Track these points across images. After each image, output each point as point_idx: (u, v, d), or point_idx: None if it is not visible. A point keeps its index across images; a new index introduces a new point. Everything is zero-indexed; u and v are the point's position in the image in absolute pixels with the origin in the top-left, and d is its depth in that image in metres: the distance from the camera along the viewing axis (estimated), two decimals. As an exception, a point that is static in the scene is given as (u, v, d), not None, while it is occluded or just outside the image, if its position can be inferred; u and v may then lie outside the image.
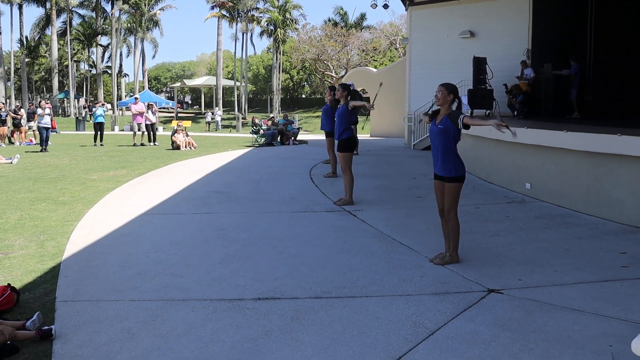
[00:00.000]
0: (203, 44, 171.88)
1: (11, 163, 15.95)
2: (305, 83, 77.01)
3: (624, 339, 4.14)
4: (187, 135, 21.94)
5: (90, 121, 28.30)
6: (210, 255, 6.46)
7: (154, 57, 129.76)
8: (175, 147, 20.83)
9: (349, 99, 9.60)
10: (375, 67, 42.25)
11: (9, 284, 5.14)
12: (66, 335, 4.33)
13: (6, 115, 24.55)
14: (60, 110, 64.86)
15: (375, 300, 4.98)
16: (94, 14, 62.94)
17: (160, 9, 62.52)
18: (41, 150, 20.19)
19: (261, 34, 61.90)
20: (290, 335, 4.27)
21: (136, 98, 25.80)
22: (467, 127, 5.85)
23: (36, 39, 65.19)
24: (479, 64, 16.39)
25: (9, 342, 4.15)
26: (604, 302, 4.93)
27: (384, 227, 7.74)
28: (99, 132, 23.49)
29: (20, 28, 64.30)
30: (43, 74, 71.78)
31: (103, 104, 28.22)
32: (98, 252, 6.63)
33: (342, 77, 38.31)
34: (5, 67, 60.00)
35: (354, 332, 4.33)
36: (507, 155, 10.93)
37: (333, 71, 55.01)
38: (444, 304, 4.87)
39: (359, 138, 14.77)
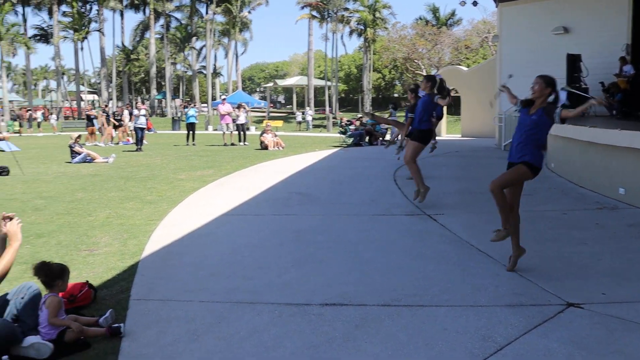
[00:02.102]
0: (296, 44, 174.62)
1: (107, 162, 16.64)
2: (397, 82, 76.45)
3: None
4: (276, 136, 22.22)
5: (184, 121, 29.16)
6: (283, 257, 6.46)
7: (242, 53, 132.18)
8: (264, 147, 21.13)
9: (434, 90, 9.27)
10: (468, 66, 41.37)
11: (87, 281, 5.33)
12: (135, 333, 4.42)
13: (95, 117, 25.87)
14: (158, 111, 67.31)
15: (445, 310, 4.81)
16: (189, 18, 64.96)
17: (249, 11, 63.71)
18: (136, 150, 20.97)
19: (350, 33, 61.95)
20: (353, 344, 4.18)
21: (223, 99, 26.39)
22: (563, 121, 5.56)
23: (135, 42, 68.02)
24: (573, 62, 15.71)
25: (81, 337, 4.28)
26: (699, 322, 4.56)
27: (462, 233, 7.50)
28: (191, 132, 24.19)
29: (122, 33, 67.37)
30: (142, 75, 74.71)
31: (195, 105, 29.06)
32: (175, 252, 6.77)
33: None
34: (108, 70, 62.88)
35: (419, 343, 4.19)
36: (600, 158, 10.39)
37: (424, 70, 54.30)
38: (518, 316, 4.64)
39: (448, 138, 14.53)
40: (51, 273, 4.45)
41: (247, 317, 4.72)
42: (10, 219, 4.21)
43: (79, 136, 17.94)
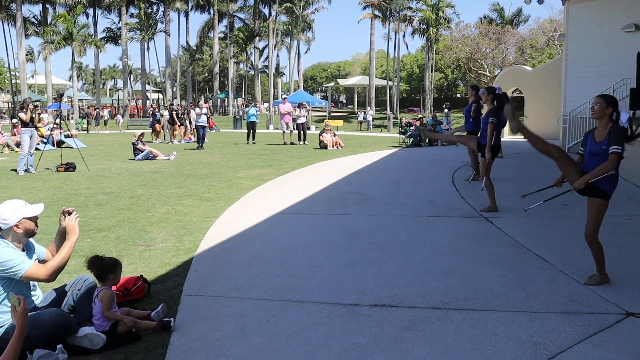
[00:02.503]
0: (358, 43, 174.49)
1: (169, 160, 16.99)
2: (460, 82, 75.46)
3: None
4: (335, 135, 22.23)
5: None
6: (335, 257, 6.44)
7: (305, 52, 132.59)
8: (323, 146, 21.18)
9: (495, 103, 9.15)
10: (533, 66, 40.45)
11: (141, 275, 5.44)
12: (185, 327, 4.49)
13: (160, 116, 26.50)
14: (220, 109, 68.36)
15: (496, 315, 4.70)
16: (252, 18, 65.72)
17: (312, 11, 64.01)
18: (197, 148, 21.33)
19: (413, 32, 61.45)
20: (400, 346, 4.13)
21: (284, 98, 26.60)
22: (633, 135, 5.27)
23: (199, 42, 69.31)
24: (644, 61, 15.16)
25: (133, 330, 4.37)
26: None
27: (520, 236, 7.33)
28: (251, 131, 24.46)
29: (187, 33, 68.72)
30: (206, 74, 76.03)
31: (255, 104, 29.38)
32: (229, 248, 6.84)
33: (497, 76, 37.09)
34: (173, 70, 64.24)
35: (467, 347, 4.10)
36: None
37: (487, 70, 53.40)
38: (572, 324, 4.49)
39: (511, 140, 14.17)
40: (103, 267, 4.56)
41: (295, 315, 4.73)
42: (69, 213, 4.34)
43: (142, 134, 18.36)
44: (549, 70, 25.68)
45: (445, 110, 31.57)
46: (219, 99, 68.79)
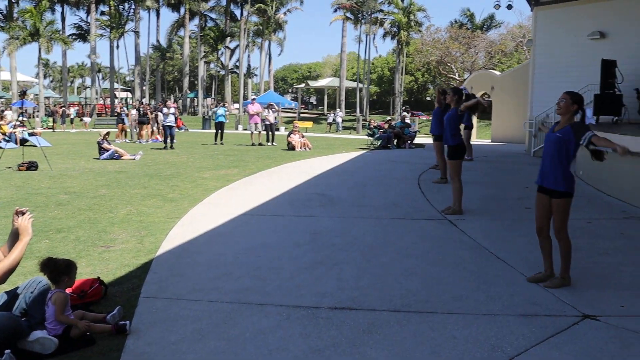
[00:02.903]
0: (329, 45, 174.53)
1: (134, 159, 16.78)
2: (430, 85, 75.92)
3: None
4: (303, 136, 22.20)
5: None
6: (297, 259, 6.40)
7: (279, 54, 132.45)
8: (291, 147, 21.12)
9: (460, 103, 9.23)
10: (502, 70, 40.89)
11: (98, 277, 5.34)
12: (141, 331, 4.41)
13: (125, 115, 26.26)
14: (190, 109, 67.85)
15: (455, 318, 4.70)
16: (224, 17, 65.36)
17: (284, 12, 63.88)
18: (164, 148, 21.12)
19: (384, 35, 61.68)
20: (358, 350, 4.10)
21: (253, 99, 26.48)
22: (589, 145, 5.38)
23: (170, 41, 68.73)
24: (608, 67, 15.42)
25: (87, 333, 4.28)
26: None
27: (483, 239, 7.36)
28: (219, 131, 24.31)
29: (157, 32, 68.11)
30: (176, 74, 75.43)
31: (224, 104, 29.22)
32: (190, 250, 6.76)
33: (465, 80, 37.38)
34: (142, 68, 63.61)
35: (425, 351, 4.09)
36: (629, 166, 10.13)
37: (457, 74, 53.84)
38: (530, 327, 4.51)
39: (477, 143, 14.31)
40: (56, 269, 4.45)
41: (254, 318, 4.67)
42: (23, 213, 4.22)
43: (108, 133, 18.09)
44: (516, 75, 25.99)
45: (404, 113, 31.86)
46: (188, 99, 68.19)
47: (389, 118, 34.71)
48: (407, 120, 26.58)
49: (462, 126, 10.03)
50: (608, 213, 9.23)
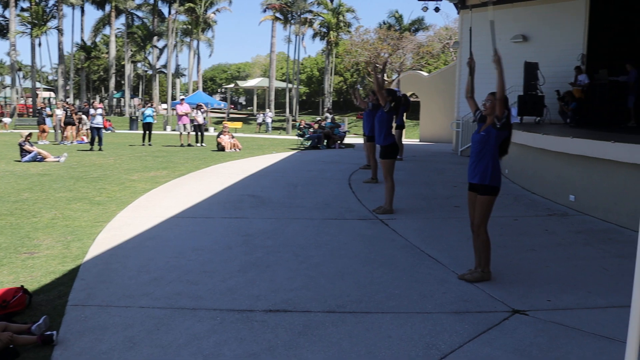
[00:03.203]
0: (259, 45, 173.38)
1: (59, 161, 16.23)
2: (359, 86, 76.58)
3: (654, 372, 3.81)
4: (233, 137, 22.01)
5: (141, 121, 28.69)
6: (230, 262, 6.32)
7: (210, 55, 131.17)
8: (220, 148, 20.90)
9: (391, 104, 9.30)
10: (429, 71, 41.69)
11: (22, 286, 5.12)
12: (69, 341, 4.25)
13: (47, 115, 25.35)
14: (116, 110, 66.22)
15: (390, 317, 4.73)
16: (151, 16, 64.04)
17: (214, 12, 63.20)
18: (90, 149, 20.52)
19: (314, 36, 61.88)
20: (294, 352, 4.07)
21: (181, 99, 26.05)
22: (508, 124, 5.56)
23: (95, 39, 66.82)
24: (531, 69, 15.91)
25: (11, 345, 4.09)
26: (639, 329, 4.56)
27: (414, 238, 7.47)
28: (147, 132, 23.83)
29: (81, 30, 66.12)
30: (101, 73, 73.44)
31: (152, 104, 28.67)
32: (119, 255, 6.57)
33: (394, 80, 37.93)
34: (66, 67, 61.68)
35: (361, 351, 4.10)
36: (552, 165, 10.50)
37: (385, 74, 54.52)
38: (463, 324, 4.59)
39: (406, 143, 14.55)
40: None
41: (187, 323, 4.58)
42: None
43: (30, 134, 17.44)
44: (444, 76, 26.52)
45: (327, 114, 32.15)
46: (115, 99, 66.52)
47: (318, 118, 34.85)
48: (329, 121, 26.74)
49: (393, 125, 10.14)
50: (533, 210, 9.52)
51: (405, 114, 17.63)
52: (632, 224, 8.13)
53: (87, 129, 25.09)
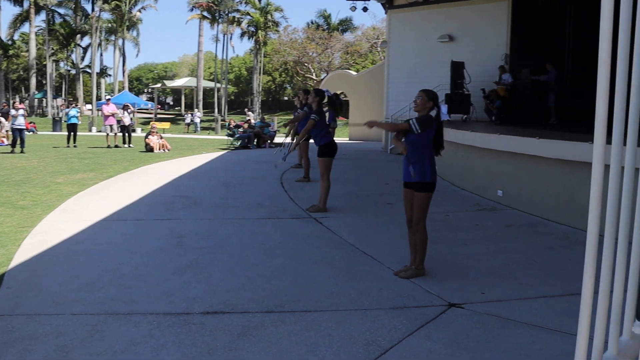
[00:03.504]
0: (186, 45, 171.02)
1: (-23, 164, 15.55)
2: (287, 85, 76.66)
3: (584, 359, 3.95)
4: (161, 138, 21.64)
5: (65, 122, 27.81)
6: (164, 264, 6.19)
7: (137, 55, 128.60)
8: (149, 149, 20.51)
9: (322, 105, 9.38)
10: (357, 71, 42.10)
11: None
12: (-4, 353, 4.06)
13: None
14: (38, 111, 63.96)
15: (329, 315, 4.74)
16: (73, 13, 62.09)
17: (139, 10, 61.90)
18: (12, 152, 19.75)
19: (242, 35, 61.50)
20: (235, 354, 4.02)
21: (108, 99, 25.41)
22: (437, 122, 5.69)
23: (13, 37, 64.24)
24: (457, 69, 16.30)
25: None
26: (568, 318, 4.72)
27: (348, 236, 7.51)
28: (72, 133, 23.13)
29: (-2, 26, 63.51)
30: (21, 72, 70.76)
31: (76, 105, 27.85)
32: (47, 261, 6.33)
33: (323, 79, 38.09)
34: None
35: (302, 350, 4.09)
36: (480, 161, 10.77)
37: (314, 74, 54.78)
38: (401, 319, 4.64)
39: (336, 142, 14.54)
40: None
41: (123, 329, 4.45)
42: None
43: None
44: (372, 75, 26.83)
45: (250, 113, 32.18)
46: (36, 99, 64.23)
47: (248, 118, 34.66)
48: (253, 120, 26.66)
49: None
50: (463, 206, 9.74)
51: (338, 114, 17.74)
52: (557, 217, 8.43)
53: (6, 131, 24.16)
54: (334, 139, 10.14)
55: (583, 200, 8.01)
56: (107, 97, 29.34)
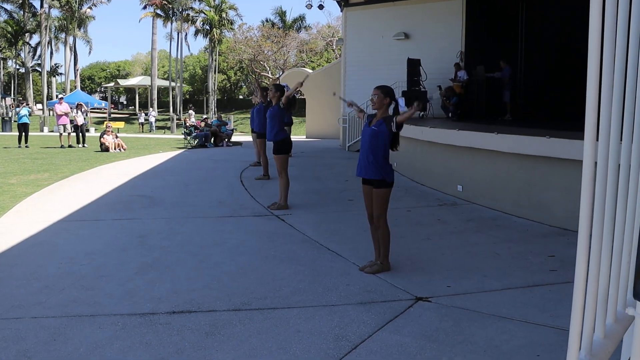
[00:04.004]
0: (139, 43, 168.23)
1: None
2: (243, 84, 76.23)
3: (551, 348, 4.02)
4: (117, 137, 21.27)
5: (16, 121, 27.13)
6: (126, 265, 6.07)
7: (89, 53, 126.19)
8: (104, 149, 20.13)
9: (281, 100, 9.35)
10: (313, 69, 42.12)
11: None
12: (-46, 359, 3.92)
13: None
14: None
15: (297, 312, 4.71)
16: (21, 10, 60.50)
17: (89, 7, 60.70)
18: (-41, 153, 19.18)
19: (196, 33, 60.90)
20: (203, 353, 3.96)
21: (60, 99, 24.87)
22: (400, 126, 5.69)
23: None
24: (413, 66, 16.42)
25: None
26: (533, 309, 4.81)
27: (312, 232, 7.50)
28: (23, 133, 22.56)
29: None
30: (-34, 71, 68.79)
31: (27, 104, 27.20)
32: (4, 263, 6.15)
33: (279, 78, 38.02)
34: None
35: (272, 347, 4.05)
36: (440, 157, 10.88)
37: (269, 72, 54.63)
38: (370, 314, 4.65)
39: (293, 139, 14.55)
40: None
41: (86, 331, 4.34)
42: None
43: None
44: (328, 73, 26.81)
45: (190, 111, 32.01)
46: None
47: (205, 116, 34.38)
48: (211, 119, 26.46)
49: None
50: (424, 201, 9.82)
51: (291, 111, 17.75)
52: (515, 210, 8.57)
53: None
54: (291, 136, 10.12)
55: (541, 193, 8.17)
56: (60, 96, 28.72)
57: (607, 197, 1.85)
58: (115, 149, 20.29)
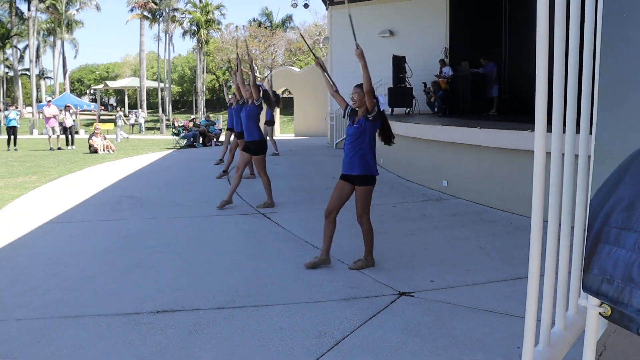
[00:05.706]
0: (127, 45, 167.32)
1: None
2: (232, 84, 75.97)
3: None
4: (105, 138, 21.26)
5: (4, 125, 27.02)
6: (111, 265, 6.09)
7: (75, 57, 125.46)
8: (93, 150, 20.14)
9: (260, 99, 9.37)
10: (300, 67, 42.13)
11: None
12: (-63, 362, 3.94)
13: None
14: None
15: (280, 309, 4.75)
16: (8, 14, 60.17)
17: (77, 9, 60.39)
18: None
19: (184, 34, 60.74)
20: (187, 352, 3.99)
21: (49, 101, 24.82)
22: (379, 113, 5.73)
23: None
24: (398, 63, 16.48)
25: None
26: (515, 302, 4.85)
27: (297, 230, 7.54)
28: (12, 136, 22.50)
29: None
30: (-46, 75, 68.35)
31: (16, 107, 27.10)
32: (-11, 266, 6.17)
33: (266, 77, 37.97)
34: None
35: (255, 344, 4.09)
36: (425, 152, 10.94)
37: (257, 71, 54.56)
38: (353, 310, 4.69)
39: (281, 138, 14.66)
40: None
41: (70, 332, 4.36)
42: None
43: None
44: (315, 71, 26.84)
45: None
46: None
47: (193, 117, 34.34)
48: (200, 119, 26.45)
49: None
50: (410, 197, 9.88)
51: (275, 110, 17.80)
52: (500, 204, 8.64)
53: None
54: (276, 134, 10.18)
55: (524, 187, 8.23)
56: (48, 99, 28.65)
57: (564, 188, 1.90)
58: (104, 150, 20.29)
